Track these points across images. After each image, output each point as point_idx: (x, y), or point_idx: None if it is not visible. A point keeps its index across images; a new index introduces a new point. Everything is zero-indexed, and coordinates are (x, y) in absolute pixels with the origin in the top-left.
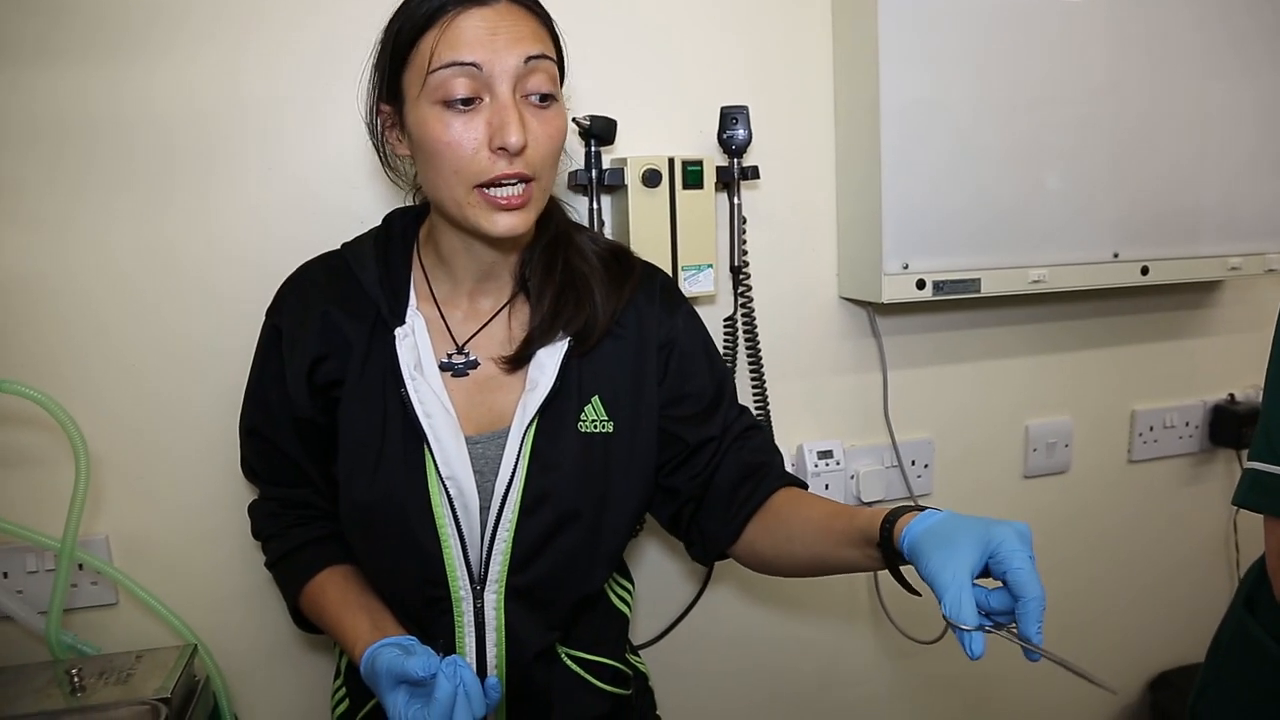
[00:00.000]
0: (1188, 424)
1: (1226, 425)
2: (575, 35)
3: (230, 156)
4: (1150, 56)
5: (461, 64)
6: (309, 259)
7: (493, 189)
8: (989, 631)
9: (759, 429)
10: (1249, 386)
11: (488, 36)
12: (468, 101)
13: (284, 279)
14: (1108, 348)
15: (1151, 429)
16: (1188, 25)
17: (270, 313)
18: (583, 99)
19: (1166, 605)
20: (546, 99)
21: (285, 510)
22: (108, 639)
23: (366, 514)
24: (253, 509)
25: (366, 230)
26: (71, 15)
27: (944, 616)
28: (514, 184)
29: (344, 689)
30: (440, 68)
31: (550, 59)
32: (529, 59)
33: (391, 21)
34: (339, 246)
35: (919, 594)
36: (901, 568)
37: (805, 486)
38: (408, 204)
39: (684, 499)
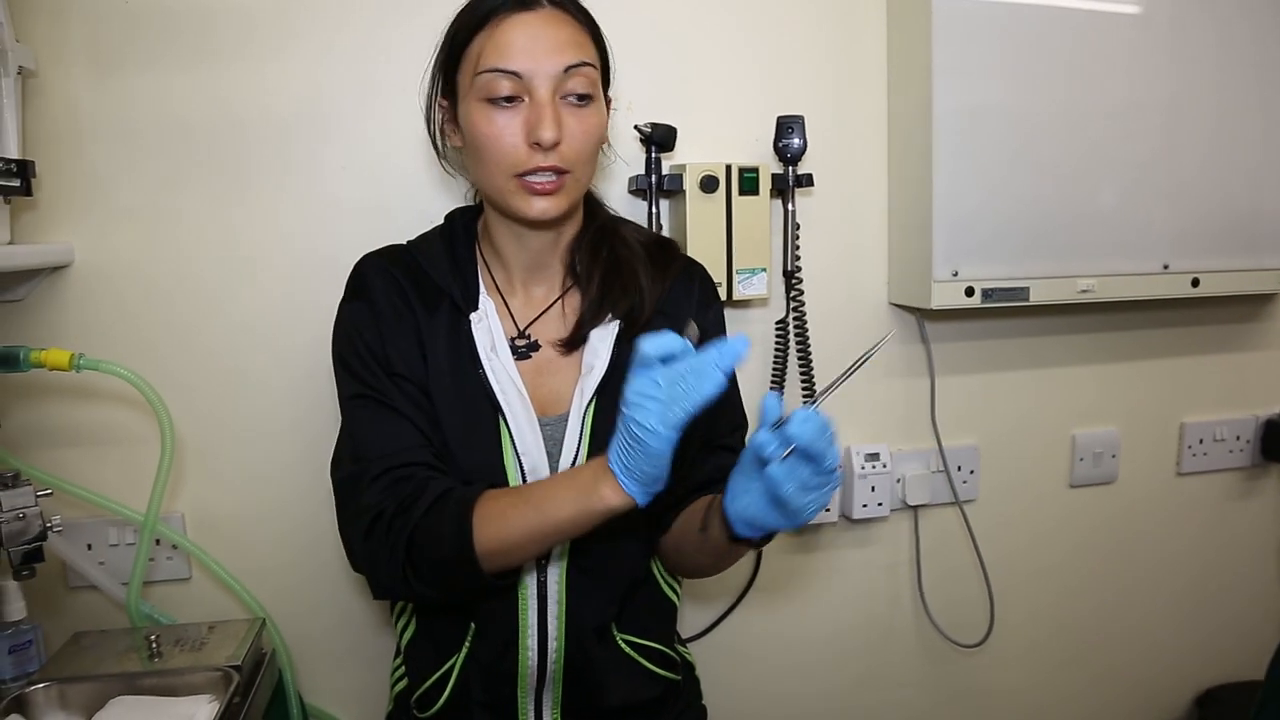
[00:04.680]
0: (1238, 438)
1: (1279, 440)
2: (638, 47)
3: (308, 157)
4: (1202, 69)
5: (504, 71)
6: (370, 251)
7: (529, 176)
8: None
9: (733, 451)
10: None
11: (530, 44)
12: (510, 99)
13: (353, 268)
14: (1157, 359)
15: (1201, 442)
16: (1242, 38)
17: (356, 291)
18: (644, 107)
19: (1214, 621)
20: (584, 99)
21: (408, 477)
22: (180, 611)
23: None
24: (359, 506)
25: (430, 228)
26: (159, 21)
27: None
28: (549, 174)
29: (404, 667)
30: (486, 71)
31: (590, 64)
32: (569, 68)
33: (450, 25)
34: (402, 243)
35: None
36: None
37: None
38: (466, 204)
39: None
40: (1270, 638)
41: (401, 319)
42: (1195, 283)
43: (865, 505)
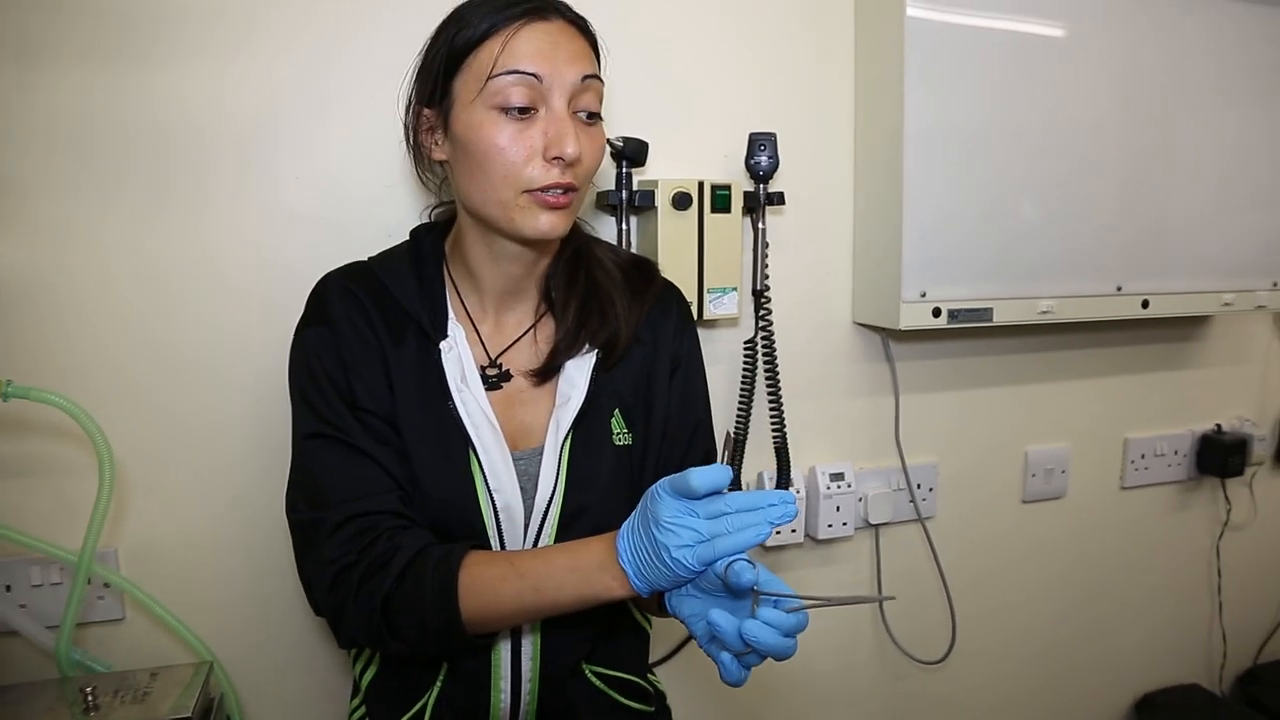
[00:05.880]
0: (1176, 452)
1: (1213, 454)
2: (609, 58)
3: (257, 164)
4: (1155, 94)
5: (523, 73)
6: (330, 271)
7: (544, 192)
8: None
9: None
10: (1234, 417)
11: (549, 50)
12: (524, 111)
13: (310, 290)
14: (1104, 377)
15: (1143, 456)
16: (1189, 67)
17: (316, 316)
18: (611, 121)
19: (1152, 627)
20: (594, 117)
21: (372, 527)
22: (115, 656)
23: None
24: (319, 556)
25: (392, 246)
26: (100, 16)
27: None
28: (559, 190)
29: (363, 707)
30: (501, 74)
31: (600, 79)
32: (585, 77)
33: (445, 27)
34: (365, 260)
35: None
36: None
37: None
38: (427, 219)
39: None
40: (1203, 641)
41: (366, 346)
42: (1145, 304)
43: (830, 525)
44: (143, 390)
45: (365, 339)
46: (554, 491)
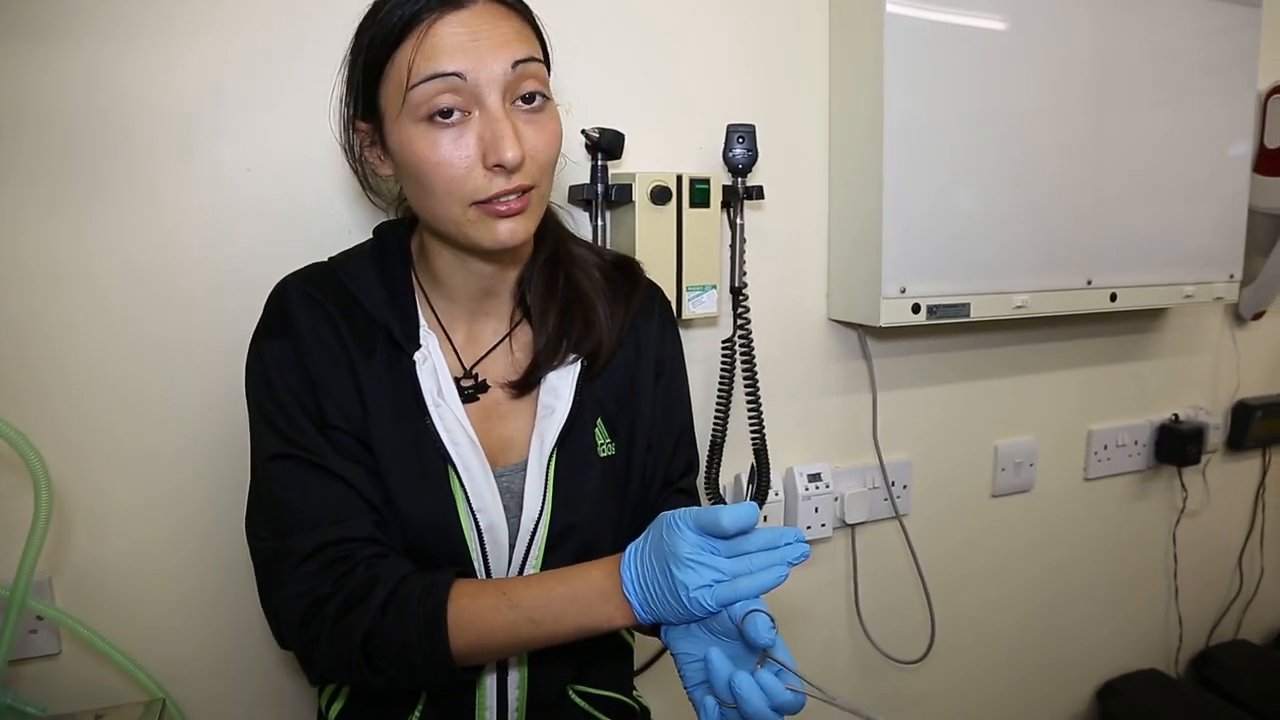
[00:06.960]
0: (1136, 442)
1: (1171, 443)
2: (580, 46)
3: (206, 156)
4: (1128, 91)
5: (443, 75)
6: (290, 273)
7: (492, 202)
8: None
9: (687, 494)
10: (1189, 406)
11: (469, 43)
12: (450, 113)
13: (268, 296)
14: (1069, 370)
15: (1105, 448)
16: (1163, 63)
17: (277, 327)
18: (583, 111)
19: (1114, 616)
20: (536, 98)
21: (346, 556)
22: (50, 696)
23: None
24: (288, 588)
25: (355, 245)
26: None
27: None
28: (513, 195)
29: None
30: (420, 82)
31: (538, 60)
32: (517, 63)
33: (361, 31)
34: (326, 261)
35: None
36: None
37: None
38: (393, 214)
39: None
40: (1160, 626)
41: (334, 359)
42: (1113, 297)
43: (809, 527)
44: (82, 405)
45: (332, 351)
46: (541, 510)
